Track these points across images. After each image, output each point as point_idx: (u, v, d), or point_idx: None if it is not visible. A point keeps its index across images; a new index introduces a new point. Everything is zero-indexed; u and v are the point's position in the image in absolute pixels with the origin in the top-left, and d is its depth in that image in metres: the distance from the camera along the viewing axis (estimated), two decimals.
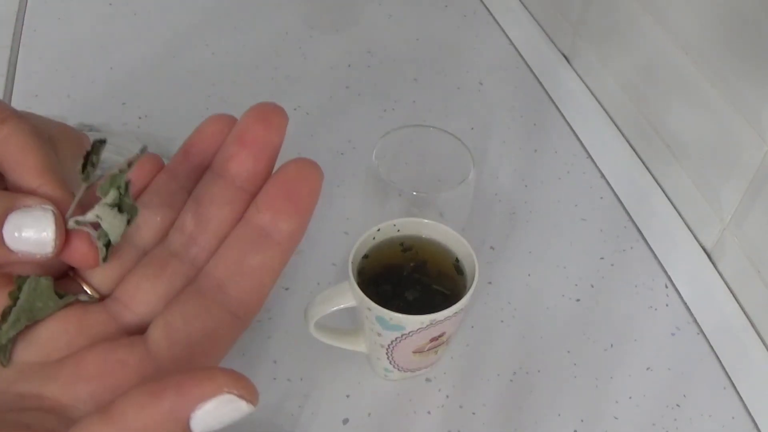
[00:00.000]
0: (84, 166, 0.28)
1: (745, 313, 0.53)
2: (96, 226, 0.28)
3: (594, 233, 0.62)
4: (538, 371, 0.53)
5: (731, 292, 0.54)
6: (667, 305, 0.58)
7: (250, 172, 0.29)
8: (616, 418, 0.51)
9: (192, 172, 0.31)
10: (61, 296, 0.28)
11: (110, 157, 0.56)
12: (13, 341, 0.28)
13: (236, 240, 0.29)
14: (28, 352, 0.28)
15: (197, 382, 0.22)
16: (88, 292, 0.29)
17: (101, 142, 0.28)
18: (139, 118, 0.67)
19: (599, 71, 0.68)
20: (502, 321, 0.56)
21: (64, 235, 0.27)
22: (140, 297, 0.29)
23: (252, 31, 0.78)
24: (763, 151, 0.49)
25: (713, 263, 0.56)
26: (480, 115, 0.71)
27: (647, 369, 0.54)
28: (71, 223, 0.28)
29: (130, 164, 0.28)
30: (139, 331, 0.28)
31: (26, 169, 0.28)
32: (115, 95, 0.69)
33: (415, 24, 0.80)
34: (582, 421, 0.51)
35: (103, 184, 0.28)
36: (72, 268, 0.30)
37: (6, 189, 0.30)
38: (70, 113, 0.62)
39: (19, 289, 0.28)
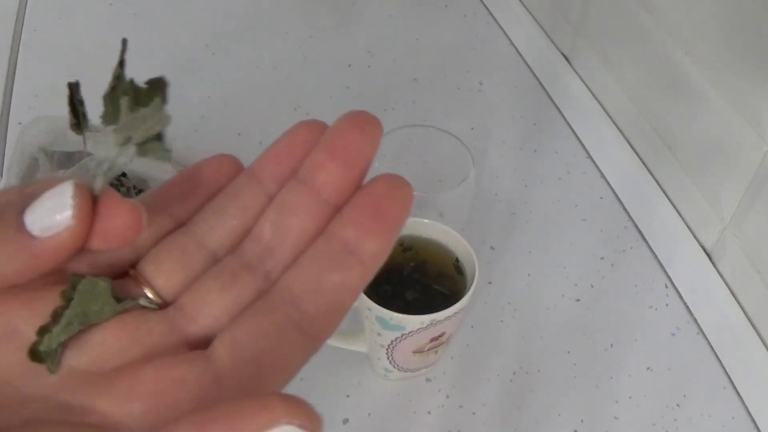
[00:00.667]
0: (75, 114, 0.26)
1: (745, 313, 0.53)
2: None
3: (594, 233, 0.62)
4: (538, 371, 0.53)
5: (731, 292, 0.54)
6: (667, 305, 0.58)
7: (338, 184, 0.27)
8: (616, 418, 0.51)
9: (276, 177, 0.28)
10: (119, 300, 0.26)
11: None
12: (63, 346, 0.25)
13: (317, 255, 0.27)
14: (77, 358, 0.26)
15: (252, 412, 0.20)
16: (150, 296, 0.27)
17: (76, 84, 0.26)
18: None
19: (599, 71, 0.68)
20: (502, 321, 0.56)
21: (87, 197, 0.25)
22: (206, 309, 0.27)
23: (252, 32, 0.78)
24: (763, 151, 0.49)
25: (713, 263, 0.56)
26: (480, 115, 0.71)
27: (647, 369, 0.54)
28: (98, 186, 0.25)
29: (120, 63, 0.26)
30: (202, 345, 0.26)
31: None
32: None
33: (415, 24, 0.80)
34: (582, 421, 0.51)
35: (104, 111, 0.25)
36: (133, 266, 0.28)
37: None
38: None
39: (73, 288, 0.26)
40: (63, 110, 0.31)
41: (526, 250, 0.60)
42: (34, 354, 0.25)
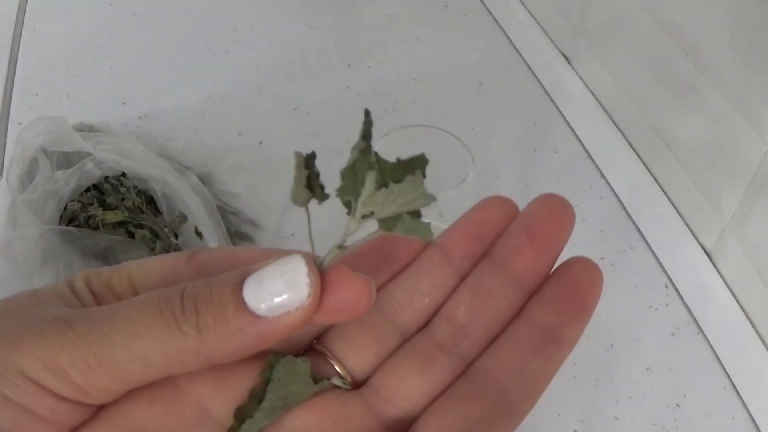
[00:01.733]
0: (310, 187, 0.24)
1: (745, 313, 0.53)
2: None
3: (594, 233, 0.62)
4: None
5: (731, 292, 0.54)
6: (667, 305, 0.58)
7: (535, 270, 0.27)
8: (616, 418, 0.51)
9: (468, 256, 0.27)
10: (315, 381, 0.25)
11: (109, 158, 0.56)
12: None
13: (518, 341, 0.26)
14: None
15: None
16: (341, 375, 0.26)
17: (312, 156, 0.24)
18: (139, 118, 0.67)
19: (599, 71, 0.68)
20: None
21: (319, 275, 0.23)
22: (403, 391, 0.26)
23: (252, 31, 0.78)
24: (763, 151, 0.49)
25: (713, 263, 0.56)
26: (480, 115, 0.70)
27: (647, 369, 0.54)
28: (328, 259, 0.23)
29: (365, 135, 0.23)
30: (400, 429, 0.25)
31: (244, 259, 0.25)
32: (115, 95, 0.69)
33: (415, 24, 0.80)
34: (582, 421, 0.51)
35: (343, 184, 0.23)
36: (318, 341, 0.26)
37: None
38: (70, 113, 0.62)
39: (271, 368, 0.24)
40: (63, 110, 0.31)
41: None
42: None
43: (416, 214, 0.24)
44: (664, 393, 0.53)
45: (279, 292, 0.22)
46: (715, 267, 0.56)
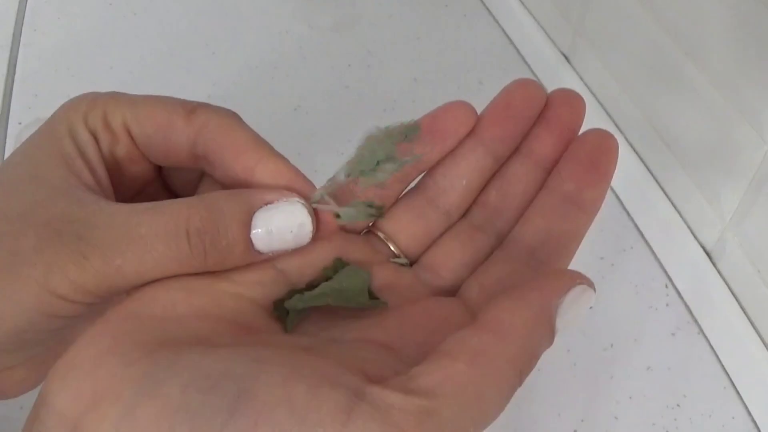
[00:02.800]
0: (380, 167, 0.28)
1: (745, 313, 0.53)
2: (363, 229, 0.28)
3: (594, 233, 0.62)
4: (538, 371, 0.53)
5: (731, 292, 0.54)
6: (667, 305, 0.58)
7: (553, 152, 0.30)
8: (616, 418, 0.51)
9: (499, 138, 0.31)
10: (370, 296, 0.27)
11: None
12: (305, 312, 0.26)
13: (542, 208, 0.30)
14: None
15: (554, 280, 0.24)
16: (399, 256, 0.30)
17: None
18: None
19: (599, 71, 0.68)
20: None
21: (317, 219, 0.27)
22: (449, 264, 0.29)
23: (252, 31, 0.78)
24: (763, 150, 0.49)
25: (713, 263, 0.56)
26: None
27: (647, 369, 0.54)
28: (315, 198, 0.27)
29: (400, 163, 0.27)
30: (448, 295, 0.29)
31: (236, 149, 0.28)
32: None
33: (415, 24, 0.80)
34: (582, 421, 0.51)
35: (363, 179, 0.27)
36: (374, 225, 0.30)
37: (216, 183, 0.30)
38: None
39: (335, 271, 0.27)
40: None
41: None
42: (277, 307, 0.26)
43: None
44: (664, 393, 0.53)
45: (286, 243, 0.26)
46: (715, 267, 0.56)
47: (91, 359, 0.23)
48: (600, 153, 0.30)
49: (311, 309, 0.26)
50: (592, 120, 0.69)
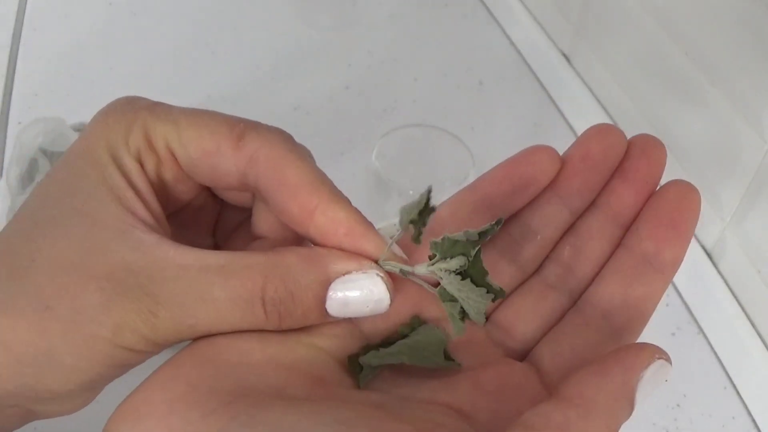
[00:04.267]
0: (416, 221, 0.26)
1: (745, 313, 0.53)
2: (434, 284, 0.26)
3: None
4: None
5: (731, 292, 0.54)
6: (667, 305, 0.58)
7: (632, 207, 0.29)
8: None
9: (575, 193, 0.29)
10: (446, 357, 0.27)
11: None
12: (379, 369, 0.25)
13: (619, 269, 0.28)
14: None
15: (636, 354, 0.23)
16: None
17: (429, 194, 0.26)
18: None
19: (599, 71, 0.68)
20: None
21: (394, 290, 0.26)
22: (521, 326, 0.28)
23: (252, 31, 0.78)
24: (763, 150, 0.49)
25: (713, 263, 0.56)
26: (480, 115, 0.70)
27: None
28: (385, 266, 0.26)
29: (482, 234, 0.25)
30: (519, 358, 0.28)
31: (291, 188, 0.26)
32: (115, 95, 0.68)
33: (415, 24, 0.80)
34: None
35: (440, 242, 0.25)
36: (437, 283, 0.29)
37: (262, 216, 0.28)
38: (70, 113, 0.61)
39: (411, 328, 0.27)
40: (63, 110, 0.31)
41: None
42: (351, 362, 0.26)
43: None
44: (664, 393, 0.53)
45: (362, 313, 0.26)
46: (715, 267, 0.56)
47: (165, 405, 0.22)
48: (681, 210, 0.28)
49: (385, 365, 0.26)
50: (592, 120, 0.69)
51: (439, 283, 0.26)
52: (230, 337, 0.25)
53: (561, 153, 0.31)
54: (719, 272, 0.55)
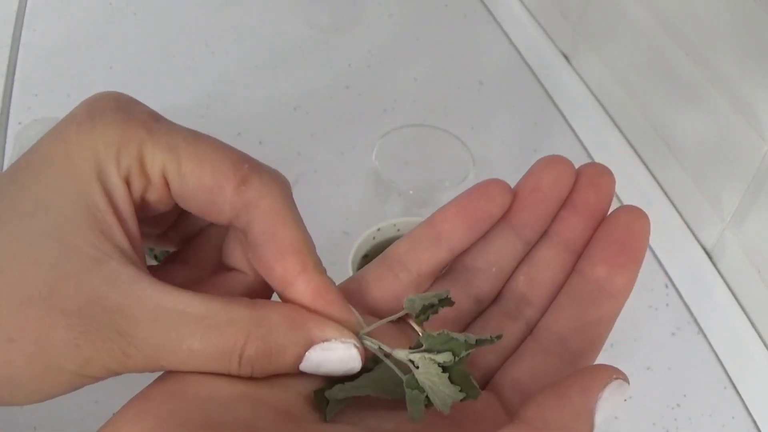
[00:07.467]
0: (419, 316, 0.27)
1: (745, 313, 0.53)
2: (405, 369, 0.26)
3: None
4: None
5: (731, 292, 0.54)
6: (667, 305, 0.58)
7: (582, 235, 0.29)
8: (616, 418, 0.51)
9: (527, 224, 0.30)
10: (412, 389, 0.27)
11: None
12: (345, 403, 0.26)
13: (573, 296, 0.29)
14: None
15: (593, 376, 0.24)
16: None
17: (447, 300, 0.28)
18: None
19: (599, 71, 0.68)
20: None
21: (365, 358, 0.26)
22: (480, 355, 0.29)
23: (252, 31, 0.78)
24: (763, 150, 0.49)
25: (713, 263, 0.56)
26: (480, 115, 0.70)
27: (647, 369, 0.54)
28: (365, 341, 0.27)
29: (479, 341, 0.26)
30: (480, 387, 0.28)
31: (281, 248, 0.26)
32: None
33: (415, 24, 0.80)
34: None
35: (436, 336, 0.26)
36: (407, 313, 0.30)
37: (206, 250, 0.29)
38: None
39: (375, 362, 0.27)
40: (63, 110, 0.31)
41: None
42: (317, 396, 0.26)
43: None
44: (664, 393, 0.53)
45: (332, 374, 0.26)
46: (715, 267, 0.56)
47: None
48: (631, 235, 0.29)
49: (351, 398, 0.26)
50: (593, 120, 0.69)
51: (403, 318, 0.27)
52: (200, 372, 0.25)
53: (558, 154, 0.31)
54: (719, 272, 0.55)
